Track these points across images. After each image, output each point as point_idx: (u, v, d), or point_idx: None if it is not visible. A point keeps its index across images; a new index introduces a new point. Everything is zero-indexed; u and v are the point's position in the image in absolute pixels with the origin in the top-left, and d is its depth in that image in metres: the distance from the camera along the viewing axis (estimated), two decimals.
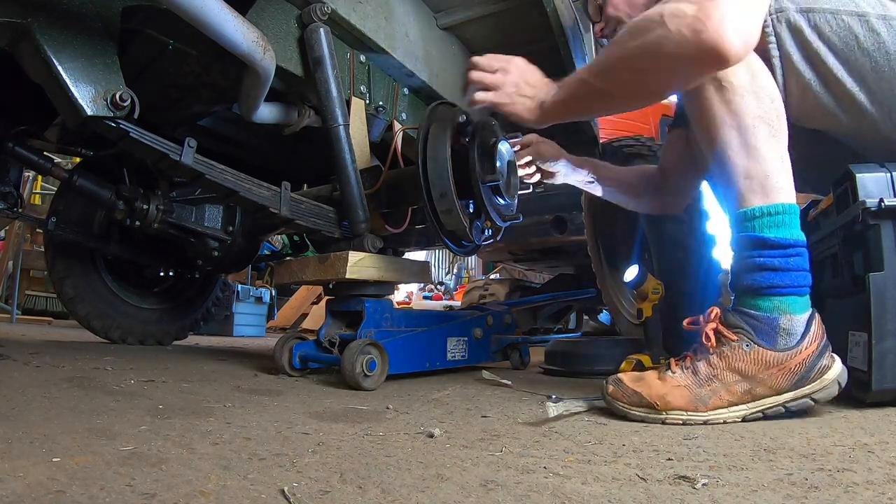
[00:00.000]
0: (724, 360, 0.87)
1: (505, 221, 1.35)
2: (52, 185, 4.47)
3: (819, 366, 0.85)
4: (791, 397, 0.85)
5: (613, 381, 0.92)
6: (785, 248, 0.86)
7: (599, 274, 2.29)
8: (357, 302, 1.35)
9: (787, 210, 0.87)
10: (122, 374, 1.21)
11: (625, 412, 0.90)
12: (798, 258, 0.87)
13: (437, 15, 1.69)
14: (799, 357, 0.85)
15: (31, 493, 0.47)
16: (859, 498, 0.52)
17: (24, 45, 0.95)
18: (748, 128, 0.88)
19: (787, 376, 0.85)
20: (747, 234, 0.89)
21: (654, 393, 0.87)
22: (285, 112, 1.44)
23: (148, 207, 1.60)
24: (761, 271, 0.87)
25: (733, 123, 0.89)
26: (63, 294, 1.94)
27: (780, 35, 0.94)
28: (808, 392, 0.85)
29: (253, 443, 0.69)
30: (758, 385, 0.85)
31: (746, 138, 0.88)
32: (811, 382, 0.85)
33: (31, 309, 4.39)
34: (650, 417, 0.87)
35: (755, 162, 0.88)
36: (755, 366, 0.85)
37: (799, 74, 0.95)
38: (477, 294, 4.18)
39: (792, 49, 0.94)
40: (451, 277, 10.59)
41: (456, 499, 0.51)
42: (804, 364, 0.85)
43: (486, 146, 1.28)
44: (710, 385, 0.86)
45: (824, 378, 0.85)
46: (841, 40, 0.93)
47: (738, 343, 0.86)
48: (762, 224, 0.87)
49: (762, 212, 0.87)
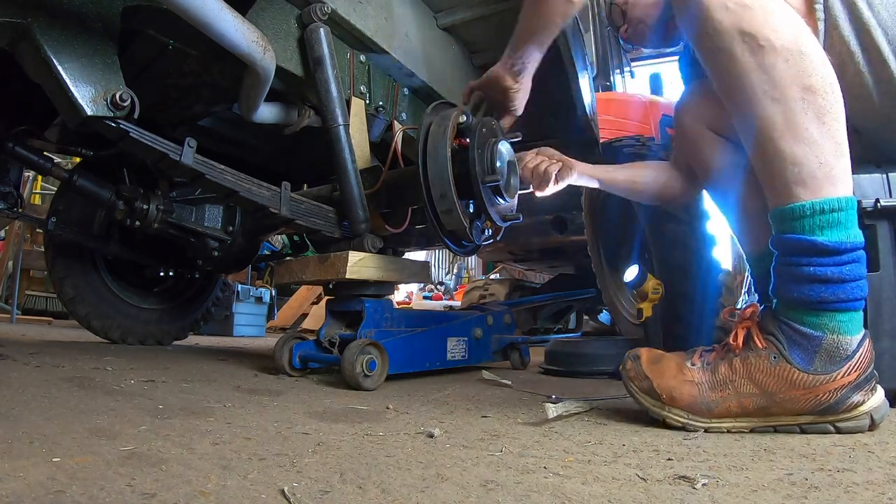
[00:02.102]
0: (746, 366, 0.77)
1: (505, 221, 1.35)
2: (52, 185, 4.47)
3: (850, 400, 0.73)
4: (810, 420, 0.76)
5: (632, 357, 0.87)
6: (840, 253, 0.73)
7: (599, 274, 2.29)
8: (357, 302, 1.35)
9: (844, 206, 0.73)
10: (122, 374, 1.21)
11: (633, 394, 0.86)
12: (855, 265, 0.74)
13: (437, 15, 1.69)
14: (831, 385, 0.73)
15: (31, 493, 0.47)
16: (859, 498, 0.52)
17: (24, 45, 0.95)
18: (795, 101, 0.73)
19: (812, 403, 0.74)
20: (794, 236, 0.75)
21: (663, 384, 0.81)
22: (285, 112, 1.44)
23: (148, 207, 1.60)
24: (811, 283, 0.74)
25: (776, 95, 0.73)
26: (63, 294, 1.94)
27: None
28: (831, 420, 0.75)
29: (253, 443, 0.69)
30: (775, 405, 0.76)
31: (793, 115, 0.73)
32: (838, 415, 0.74)
33: (31, 309, 4.39)
34: (653, 410, 0.83)
35: (805, 146, 0.73)
36: (778, 383, 0.75)
37: (844, 44, 0.84)
38: (477, 294, 4.18)
39: (841, 16, 0.83)
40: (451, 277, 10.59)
41: (456, 499, 0.51)
42: (834, 395, 0.73)
43: (486, 146, 1.28)
44: (722, 391, 0.78)
45: (857, 411, 0.74)
46: (891, 17, 0.83)
47: (765, 352, 0.76)
48: (813, 224, 0.73)
49: (813, 209, 0.73)
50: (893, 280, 0.92)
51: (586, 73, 1.81)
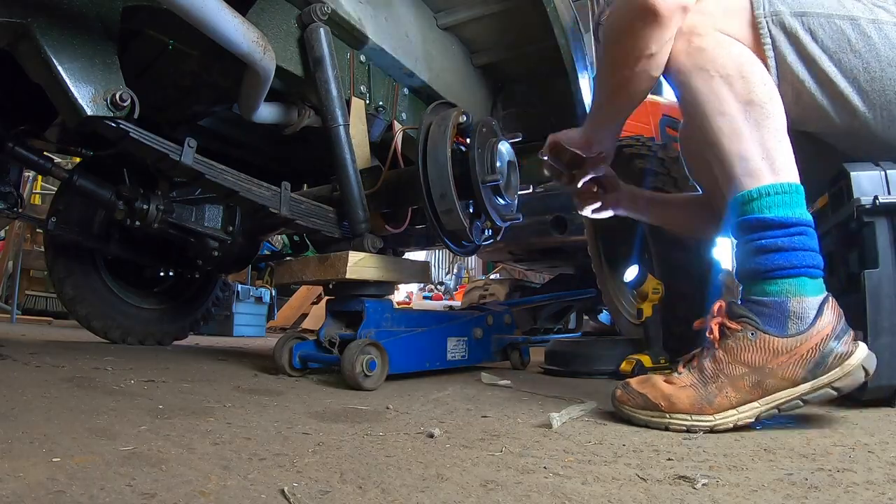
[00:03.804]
0: (729, 352, 0.82)
1: (505, 221, 1.35)
2: (52, 185, 4.46)
3: (836, 352, 0.79)
4: (808, 388, 0.79)
5: (621, 386, 0.90)
6: (788, 227, 0.82)
7: (599, 274, 2.29)
8: (357, 302, 1.35)
9: (788, 189, 0.83)
10: (122, 374, 1.21)
11: (629, 415, 0.87)
12: (804, 237, 0.82)
13: (437, 15, 1.69)
14: (810, 342, 0.79)
15: (31, 493, 0.47)
16: (859, 498, 0.52)
17: (24, 45, 0.95)
18: (738, 111, 0.87)
19: (800, 364, 0.79)
20: (746, 217, 0.85)
21: (659, 394, 0.84)
22: (285, 112, 1.44)
23: (148, 207, 1.60)
24: (765, 253, 0.82)
25: (722, 109, 0.88)
26: (63, 294, 1.94)
27: (775, 37, 0.95)
28: (827, 381, 0.78)
29: (253, 443, 0.69)
30: (768, 377, 0.80)
31: (737, 122, 0.86)
32: (830, 370, 0.78)
33: (31, 309, 4.40)
34: (654, 421, 0.84)
35: (749, 143, 0.85)
36: (762, 355, 0.80)
37: (794, 75, 0.95)
38: (477, 294, 4.18)
39: (787, 50, 0.94)
40: (451, 277, 10.60)
41: (456, 499, 0.51)
42: (817, 349, 0.79)
43: (486, 146, 1.28)
44: (715, 382, 0.82)
45: (846, 364, 0.78)
46: (834, 43, 0.93)
47: (742, 332, 0.82)
48: (761, 205, 0.83)
49: (759, 193, 0.84)
50: (892, 277, 0.92)
51: (586, 73, 1.81)
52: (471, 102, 1.84)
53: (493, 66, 1.88)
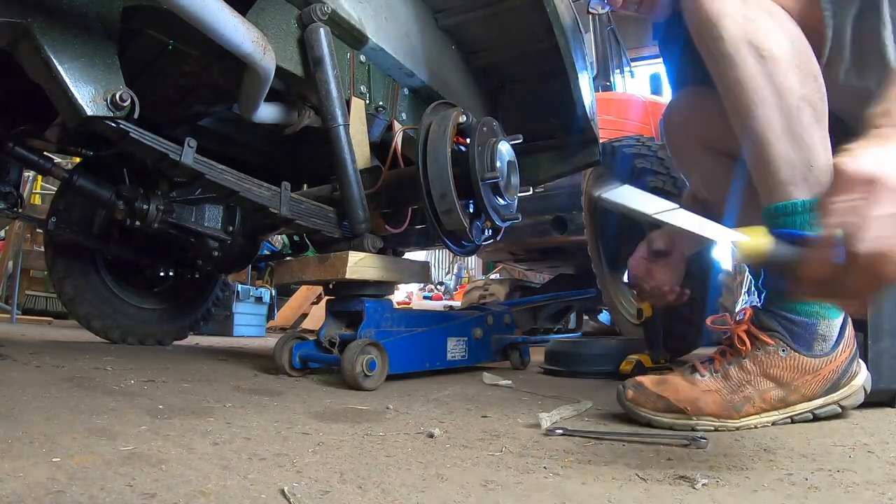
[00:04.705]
0: (759, 365, 0.83)
1: (505, 221, 1.35)
2: (52, 185, 4.46)
3: (849, 372, 0.84)
4: (820, 404, 0.84)
5: (633, 386, 0.87)
6: None
7: (599, 274, 2.29)
8: (357, 302, 1.35)
9: None
10: (122, 374, 1.21)
11: (649, 418, 0.84)
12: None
13: (437, 15, 1.69)
14: (833, 364, 0.82)
15: (31, 493, 0.47)
16: (859, 498, 0.52)
17: (24, 45, 0.95)
18: (792, 109, 0.79)
19: (820, 384, 0.83)
20: (788, 231, 0.79)
21: (682, 397, 0.82)
22: (285, 112, 1.44)
23: (148, 207, 1.60)
24: None
25: (776, 102, 0.79)
26: (63, 294, 1.94)
27: None
28: (837, 399, 0.84)
29: (253, 443, 0.69)
30: (792, 392, 0.83)
31: (790, 122, 0.79)
32: (841, 389, 0.84)
33: (31, 309, 4.39)
34: (679, 423, 0.82)
35: (799, 150, 0.79)
36: (791, 373, 0.82)
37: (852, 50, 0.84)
38: (477, 294, 4.18)
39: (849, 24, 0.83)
40: (451, 277, 10.58)
41: (456, 499, 0.51)
42: (837, 371, 0.83)
43: (486, 146, 1.28)
44: (743, 391, 0.82)
45: (852, 384, 0.84)
46: None
47: (774, 348, 0.82)
48: (804, 220, 0.78)
49: (804, 207, 0.78)
50: None
51: (586, 73, 1.81)
52: (471, 102, 1.84)
53: (493, 66, 1.88)
